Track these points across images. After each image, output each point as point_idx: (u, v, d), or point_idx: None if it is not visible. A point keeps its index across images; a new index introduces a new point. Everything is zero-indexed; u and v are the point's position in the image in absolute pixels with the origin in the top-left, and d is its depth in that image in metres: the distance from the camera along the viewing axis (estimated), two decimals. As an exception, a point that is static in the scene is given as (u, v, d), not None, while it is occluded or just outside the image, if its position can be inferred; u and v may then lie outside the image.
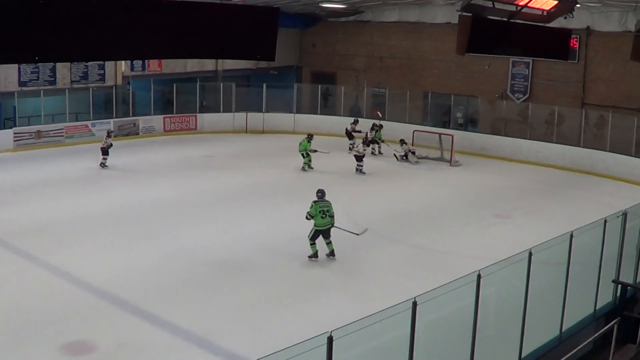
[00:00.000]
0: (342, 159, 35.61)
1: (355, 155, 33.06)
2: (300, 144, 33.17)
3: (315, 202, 20.22)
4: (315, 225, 20.14)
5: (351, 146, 36.32)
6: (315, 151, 32.78)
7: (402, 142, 35.77)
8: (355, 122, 38.49)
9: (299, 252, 20.78)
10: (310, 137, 33.27)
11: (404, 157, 35.45)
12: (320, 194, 20.48)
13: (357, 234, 20.78)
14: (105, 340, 15.05)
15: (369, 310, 9.89)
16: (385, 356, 11.70)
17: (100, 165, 31.77)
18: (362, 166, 32.60)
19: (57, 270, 19.07)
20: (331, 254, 20.37)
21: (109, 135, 32.42)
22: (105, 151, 31.78)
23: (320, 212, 20.05)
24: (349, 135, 37.75)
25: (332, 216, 20.24)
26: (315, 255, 20.26)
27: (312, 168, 32.99)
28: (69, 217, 23.85)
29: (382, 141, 37.45)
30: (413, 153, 35.53)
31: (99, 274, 18.73)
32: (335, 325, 9.25)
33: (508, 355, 13.30)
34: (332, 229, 20.36)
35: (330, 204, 20.29)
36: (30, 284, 18.15)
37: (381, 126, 37.89)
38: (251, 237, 22.26)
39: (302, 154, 33.05)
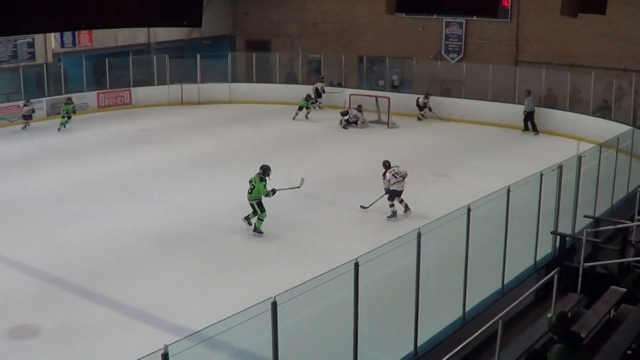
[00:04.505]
0: (286, 125, 35.83)
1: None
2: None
3: None
4: None
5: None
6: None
7: (360, 108, 35.82)
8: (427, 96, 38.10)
9: (240, 223, 20.76)
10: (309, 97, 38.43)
11: (354, 123, 35.41)
12: (262, 170, 20.34)
13: (299, 187, 20.89)
14: (50, 323, 14.92)
15: (314, 275, 9.91)
16: (331, 318, 11.78)
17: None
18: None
19: (-6, 254, 18.81)
20: (254, 229, 20.20)
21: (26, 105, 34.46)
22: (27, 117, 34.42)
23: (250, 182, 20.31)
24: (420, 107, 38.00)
25: (249, 192, 20.05)
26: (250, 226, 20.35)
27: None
28: (4, 199, 23.49)
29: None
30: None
31: (38, 256, 18.49)
32: (280, 291, 9.25)
33: (452, 310, 13.44)
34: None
35: (255, 180, 20.06)
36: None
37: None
38: (191, 210, 22.16)
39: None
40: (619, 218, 17.98)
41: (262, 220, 19.97)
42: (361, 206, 21.95)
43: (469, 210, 13.29)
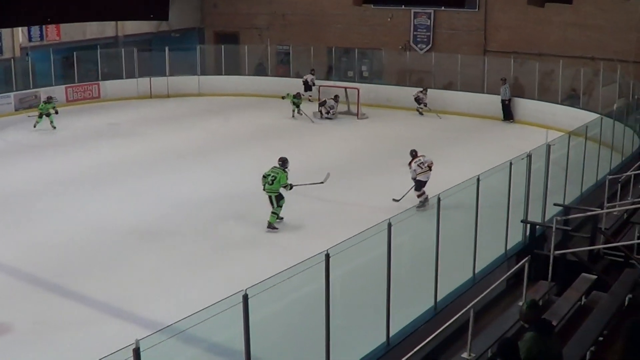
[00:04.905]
0: (256, 117, 35.78)
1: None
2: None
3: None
4: None
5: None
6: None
7: (336, 98, 35.88)
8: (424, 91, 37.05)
9: (211, 214, 20.77)
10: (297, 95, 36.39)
11: (327, 114, 35.39)
12: (281, 161, 20.21)
13: (322, 182, 20.76)
14: (21, 320, 14.77)
15: (285, 266, 9.89)
16: (303, 310, 11.78)
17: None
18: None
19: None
20: (268, 225, 19.75)
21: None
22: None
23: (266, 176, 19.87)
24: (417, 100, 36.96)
25: (270, 183, 19.66)
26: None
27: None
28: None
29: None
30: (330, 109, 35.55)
31: (7, 253, 18.30)
32: (252, 283, 9.23)
33: (424, 300, 13.46)
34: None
35: (276, 171, 19.84)
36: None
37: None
38: (162, 204, 22.06)
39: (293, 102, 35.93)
40: (588, 206, 18.06)
41: (276, 214, 19.80)
42: (393, 199, 21.76)
43: (439, 200, 13.32)
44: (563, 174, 18.89)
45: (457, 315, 11.33)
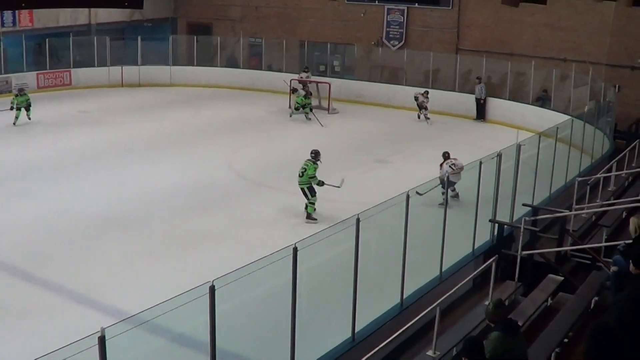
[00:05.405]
0: (226, 109, 35.79)
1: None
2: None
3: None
4: None
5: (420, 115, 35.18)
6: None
7: (306, 89, 35.61)
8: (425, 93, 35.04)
9: (179, 204, 20.68)
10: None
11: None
12: (313, 154, 20.33)
13: (338, 187, 20.32)
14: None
15: (252, 259, 9.86)
16: (270, 303, 11.76)
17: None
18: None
19: None
20: (307, 216, 19.91)
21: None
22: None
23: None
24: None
25: (300, 175, 19.87)
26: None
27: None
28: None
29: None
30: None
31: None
32: (218, 275, 9.20)
33: (390, 297, 13.48)
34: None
35: (306, 163, 19.97)
36: None
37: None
38: (130, 191, 21.94)
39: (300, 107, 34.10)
40: (557, 207, 18.18)
41: (313, 204, 19.86)
42: (417, 192, 21.49)
43: (407, 197, 13.34)
44: (532, 175, 18.98)
45: (423, 313, 11.36)
